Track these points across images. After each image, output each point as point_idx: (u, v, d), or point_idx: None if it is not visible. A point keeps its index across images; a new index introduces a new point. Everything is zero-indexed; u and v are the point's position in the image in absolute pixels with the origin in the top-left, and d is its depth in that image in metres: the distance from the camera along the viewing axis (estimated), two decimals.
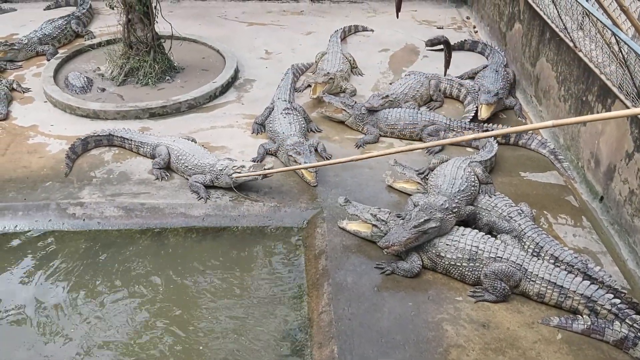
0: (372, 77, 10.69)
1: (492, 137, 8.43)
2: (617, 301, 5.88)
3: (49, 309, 6.31)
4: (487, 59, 11.11)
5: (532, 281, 6.12)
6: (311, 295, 6.44)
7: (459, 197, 6.91)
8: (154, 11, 9.93)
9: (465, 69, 10.61)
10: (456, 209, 6.72)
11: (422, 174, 7.76)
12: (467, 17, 13.29)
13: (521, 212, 6.97)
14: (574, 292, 5.98)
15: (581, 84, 8.07)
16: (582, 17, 8.23)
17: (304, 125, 8.76)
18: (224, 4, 13.73)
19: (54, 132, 8.86)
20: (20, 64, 10.76)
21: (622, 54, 6.72)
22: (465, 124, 8.89)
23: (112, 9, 10.04)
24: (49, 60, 10.67)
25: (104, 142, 8.49)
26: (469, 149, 8.64)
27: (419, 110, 9.16)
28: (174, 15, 11.29)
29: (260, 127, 9.00)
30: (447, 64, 9.41)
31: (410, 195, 7.47)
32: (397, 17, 8.70)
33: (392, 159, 7.86)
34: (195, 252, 7.06)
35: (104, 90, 9.85)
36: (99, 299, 6.44)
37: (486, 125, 8.87)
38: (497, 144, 8.24)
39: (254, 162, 7.98)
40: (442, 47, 10.26)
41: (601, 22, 6.74)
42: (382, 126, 8.94)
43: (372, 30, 12.53)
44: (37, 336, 6.03)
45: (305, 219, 7.42)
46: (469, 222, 6.96)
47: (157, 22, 10.07)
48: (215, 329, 6.13)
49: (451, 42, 11.21)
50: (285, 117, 8.65)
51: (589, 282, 6.03)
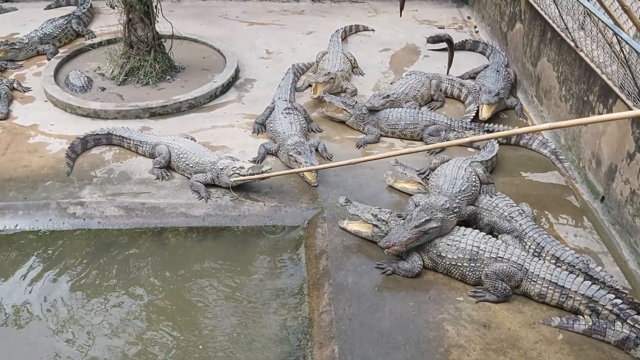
0: (373, 77, 10.68)
1: (485, 131, 8.49)
2: (619, 301, 5.87)
3: (48, 308, 6.30)
4: (488, 58, 11.10)
5: (533, 281, 6.11)
6: (312, 295, 6.43)
7: (460, 197, 6.90)
8: (155, 10, 9.93)
9: (466, 69, 10.59)
10: (457, 209, 6.71)
11: (423, 174, 7.74)
12: (468, 17, 13.28)
13: (522, 212, 6.96)
14: (575, 292, 5.97)
15: (582, 84, 8.06)
16: (584, 17, 8.23)
17: (304, 125, 8.75)
18: (225, 3, 13.72)
19: (55, 131, 8.86)
20: (20, 63, 10.75)
21: (623, 53, 6.71)
22: (466, 124, 8.88)
23: (113, 8, 10.04)
24: (49, 59, 10.67)
25: (103, 141, 8.48)
26: (470, 149, 8.63)
27: (420, 110, 9.15)
28: (175, 14, 11.29)
29: (260, 126, 8.99)
30: (450, 62, 9.40)
31: (411, 195, 7.46)
32: (400, 15, 8.71)
33: (393, 159, 7.85)
34: (195, 252, 7.06)
35: (104, 89, 9.85)
36: (99, 299, 6.44)
37: (487, 125, 8.86)
38: (498, 144, 8.23)
39: (254, 162, 7.99)
40: (444, 45, 10.29)
41: (602, 21, 6.73)
42: (383, 126, 8.93)
43: (373, 30, 12.52)
44: (37, 335, 6.02)
45: (306, 219, 7.41)
46: (470, 222, 6.95)
47: (157, 21, 10.07)
48: (215, 329, 6.12)
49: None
50: (286, 117, 8.64)
51: (590, 283, 6.02)
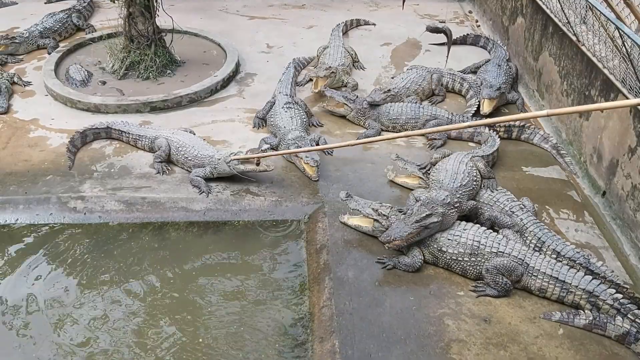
0: (374, 72, 10.65)
1: (488, 127, 8.45)
2: (619, 296, 5.87)
3: (49, 302, 6.30)
4: (489, 53, 11.06)
5: (534, 276, 6.11)
6: (312, 289, 6.43)
7: (460, 192, 6.89)
8: (155, 4, 9.90)
9: (467, 63, 10.57)
10: (458, 204, 6.71)
11: (424, 168, 7.72)
12: (470, 11, 13.23)
13: (523, 206, 6.96)
14: (576, 287, 5.97)
15: (584, 79, 8.03)
16: (585, 11, 8.19)
17: (305, 119, 8.74)
18: None
19: (55, 125, 8.85)
20: (21, 57, 10.74)
21: (625, 48, 6.68)
22: (467, 118, 8.87)
23: (113, 2, 10.01)
24: (49, 53, 10.66)
25: (102, 134, 8.48)
26: (471, 144, 8.62)
27: (421, 104, 9.12)
28: (175, 8, 11.23)
29: (261, 121, 8.98)
30: (448, 54, 9.41)
31: (412, 190, 7.46)
32: (402, 8, 8.70)
33: (394, 153, 7.84)
34: (196, 247, 7.06)
35: (104, 83, 9.83)
36: (100, 292, 6.44)
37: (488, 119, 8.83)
38: (499, 139, 8.21)
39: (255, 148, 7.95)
40: (444, 39, 10.25)
41: (604, 15, 6.69)
42: (383, 121, 8.91)
43: (374, 24, 12.48)
44: (38, 329, 6.03)
45: (306, 214, 7.41)
46: (470, 216, 6.95)
47: (158, 15, 10.03)
48: (215, 323, 6.12)
49: (453, 36, 11.24)
50: (286, 112, 8.62)
51: (591, 277, 6.02)
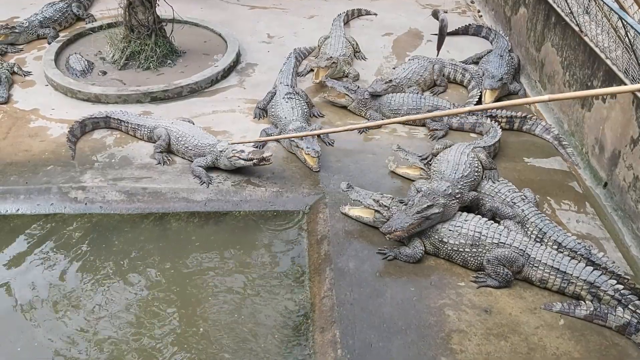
0: (375, 62, 10.60)
1: (489, 117, 8.43)
2: (620, 287, 5.88)
3: (50, 293, 6.31)
4: (491, 43, 11.00)
5: (535, 267, 6.11)
6: (313, 280, 6.44)
7: (462, 183, 6.88)
8: None
9: (469, 54, 10.52)
10: (459, 195, 6.70)
11: (425, 159, 7.71)
12: (472, 1, 13.14)
13: (524, 197, 6.95)
14: (577, 278, 5.97)
15: (586, 69, 7.99)
16: (588, 1, 8.13)
17: (306, 110, 8.70)
18: None
19: (55, 115, 8.82)
20: (21, 47, 10.68)
21: (628, 38, 6.65)
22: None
23: None
24: (50, 43, 10.59)
25: (101, 124, 8.46)
26: (472, 135, 8.59)
27: (423, 95, 9.09)
28: None
29: (262, 111, 8.95)
30: (439, 45, 9.44)
31: (413, 181, 7.45)
32: None
33: (396, 144, 7.82)
34: (197, 237, 7.06)
35: (105, 73, 9.80)
36: (101, 283, 6.45)
37: (490, 110, 8.80)
38: (500, 130, 8.19)
39: (256, 147, 7.95)
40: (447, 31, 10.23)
41: (607, 5, 6.65)
42: (385, 111, 8.88)
43: (376, 14, 12.40)
44: (40, 318, 6.04)
45: (307, 205, 7.40)
46: (472, 207, 6.94)
47: (158, 5, 9.98)
48: (216, 313, 6.13)
49: (455, 27, 11.25)
50: (287, 102, 8.59)
51: (592, 268, 6.02)
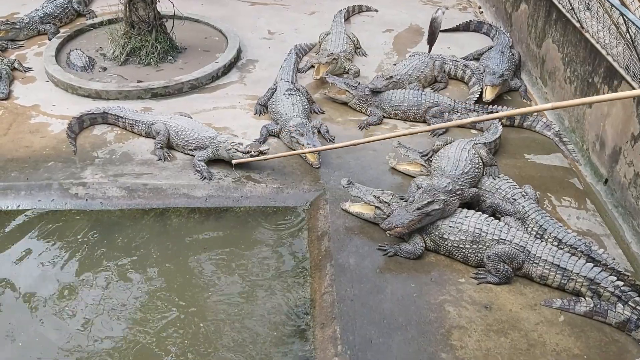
0: (376, 58, 10.59)
1: (489, 112, 8.43)
2: (620, 283, 5.88)
3: (51, 288, 6.32)
4: (492, 40, 10.98)
5: (535, 263, 6.11)
6: (314, 276, 6.45)
7: (462, 179, 6.88)
8: None
9: (470, 50, 10.50)
10: (460, 191, 6.70)
11: (426, 156, 7.70)
12: None
13: (525, 194, 6.95)
14: (577, 274, 5.98)
15: (587, 66, 7.98)
16: None
17: (306, 106, 8.70)
18: None
19: (56, 112, 8.82)
20: (21, 43, 10.68)
21: (629, 34, 6.64)
22: (469, 105, 8.82)
23: None
24: (50, 39, 10.60)
25: (98, 120, 8.47)
26: (473, 131, 8.59)
27: (423, 91, 9.07)
28: None
29: (262, 108, 8.94)
30: (430, 41, 9.54)
31: (413, 177, 7.45)
32: None
33: (396, 140, 7.82)
34: (197, 233, 7.07)
35: (105, 69, 9.80)
36: (101, 278, 6.45)
37: (491, 107, 8.80)
38: (501, 126, 8.18)
39: (254, 142, 7.94)
40: (449, 26, 10.26)
41: (609, 1, 6.64)
42: (385, 107, 8.88)
43: (376, 10, 12.37)
44: (41, 313, 6.05)
45: (308, 201, 7.40)
46: (472, 204, 6.94)
47: (158, 1, 9.96)
48: (217, 309, 6.14)
49: (456, 23, 11.27)
50: (288, 98, 8.59)
51: (592, 265, 6.02)
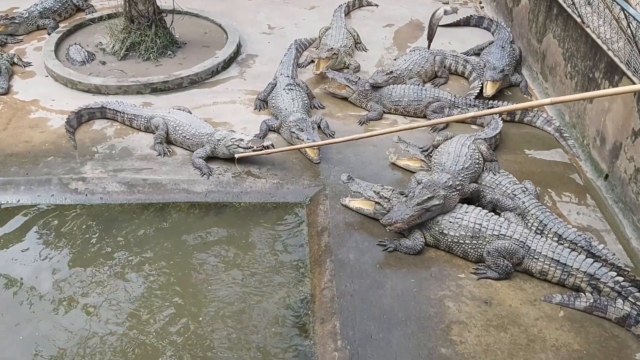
0: (376, 53, 10.56)
1: (495, 114, 8.39)
2: (620, 279, 5.88)
3: (51, 283, 6.32)
4: (493, 35, 10.95)
5: (535, 259, 6.11)
6: (314, 271, 6.45)
7: (462, 175, 6.88)
8: None
9: (470, 45, 10.48)
10: (460, 187, 6.69)
11: (426, 151, 7.70)
12: None
13: (525, 189, 6.94)
14: (577, 269, 5.98)
15: (588, 61, 7.96)
16: None
17: (306, 101, 8.68)
18: None
19: (56, 106, 8.80)
20: (21, 38, 10.66)
21: (630, 29, 6.62)
22: (470, 100, 8.81)
23: None
24: (49, 34, 10.57)
25: (97, 114, 8.47)
26: (473, 126, 8.57)
27: (424, 86, 9.06)
28: None
29: (262, 103, 8.93)
30: (430, 38, 9.66)
31: (413, 172, 7.44)
32: None
33: (396, 136, 7.80)
34: (197, 228, 7.07)
35: (104, 64, 9.78)
36: (101, 273, 6.45)
37: (491, 102, 8.78)
38: (502, 121, 8.16)
39: (255, 137, 7.94)
40: (450, 21, 10.27)
41: None
42: (386, 103, 8.86)
43: (377, 5, 12.34)
44: (40, 308, 6.05)
45: (307, 196, 7.40)
46: (472, 199, 6.94)
47: None
48: (217, 304, 6.14)
49: (456, 18, 11.24)
50: (288, 93, 8.57)
51: (592, 260, 6.02)
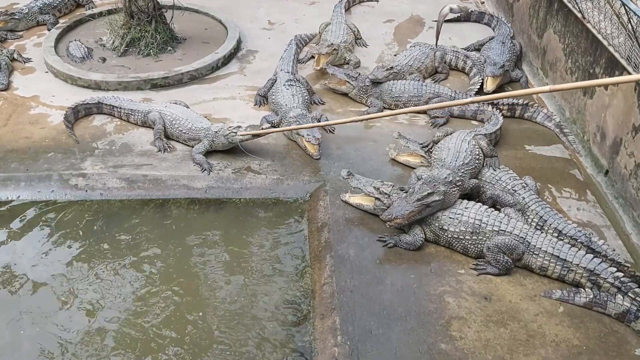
0: (376, 49, 10.55)
1: (491, 105, 8.39)
2: (620, 274, 5.88)
3: (51, 279, 6.33)
4: (493, 30, 10.93)
5: (535, 254, 6.12)
6: (314, 267, 6.46)
7: (462, 171, 6.87)
8: None
9: (471, 41, 10.46)
10: (460, 182, 6.69)
11: (426, 147, 7.69)
12: None
13: (525, 185, 6.94)
14: (577, 265, 5.98)
15: (589, 56, 7.95)
16: None
17: (307, 97, 8.68)
18: None
19: (56, 102, 8.80)
20: (20, 33, 10.66)
21: (631, 25, 6.60)
22: (470, 96, 8.79)
23: None
24: (49, 30, 10.57)
25: (93, 110, 8.47)
26: (473, 122, 8.57)
27: (424, 82, 9.05)
28: None
29: (262, 99, 8.92)
30: (437, 35, 9.63)
31: (413, 168, 7.43)
32: None
33: (396, 132, 7.80)
34: (197, 224, 7.07)
35: (104, 60, 9.77)
36: (101, 269, 6.46)
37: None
38: (502, 117, 8.16)
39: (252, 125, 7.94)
40: (451, 17, 10.29)
41: None
42: (386, 98, 8.85)
43: (377, 0, 12.32)
44: (41, 304, 6.06)
45: (308, 192, 7.40)
46: (472, 195, 6.94)
47: None
48: (217, 300, 6.16)
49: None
50: (288, 89, 8.56)
51: (592, 256, 6.02)
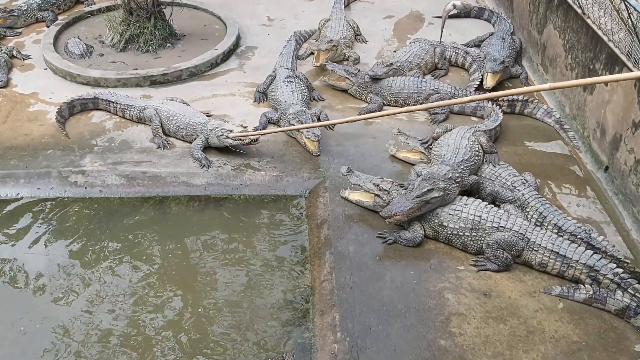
0: (376, 45, 10.53)
1: (490, 101, 8.37)
2: (620, 270, 5.88)
3: (50, 276, 6.33)
4: (493, 26, 10.91)
5: (535, 251, 6.11)
6: (313, 264, 6.46)
7: (462, 167, 6.87)
8: None
9: (471, 37, 10.44)
10: (459, 179, 6.68)
11: (426, 143, 7.68)
12: None
13: (525, 181, 6.93)
14: (577, 261, 5.98)
15: (589, 52, 7.93)
16: None
17: (306, 93, 8.66)
18: None
19: (55, 99, 8.78)
20: (19, 30, 10.65)
21: (631, 20, 6.59)
22: (470, 92, 8.79)
23: None
24: (48, 26, 10.55)
25: (89, 105, 8.47)
26: (473, 118, 8.55)
27: (424, 78, 9.04)
28: None
29: (262, 95, 8.91)
30: (441, 29, 9.66)
31: (413, 165, 7.43)
32: None
33: (396, 128, 7.79)
34: (197, 221, 7.07)
35: (103, 57, 9.75)
36: (101, 266, 6.46)
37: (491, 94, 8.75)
38: (502, 113, 8.15)
39: (254, 130, 7.93)
40: (452, 13, 10.24)
41: None
42: (385, 95, 8.84)
43: None
44: (40, 301, 6.06)
45: (307, 189, 7.39)
46: (472, 191, 6.93)
47: None
48: (217, 297, 6.16)
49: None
50: (287, 86, 8.55)
51: (591, 252, 6.02)
